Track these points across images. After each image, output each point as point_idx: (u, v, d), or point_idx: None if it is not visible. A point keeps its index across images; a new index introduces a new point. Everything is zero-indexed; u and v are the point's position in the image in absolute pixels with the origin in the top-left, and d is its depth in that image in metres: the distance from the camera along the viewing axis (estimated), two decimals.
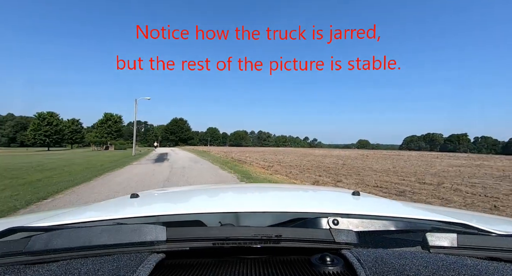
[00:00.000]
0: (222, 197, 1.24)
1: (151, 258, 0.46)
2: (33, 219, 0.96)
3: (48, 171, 10.35)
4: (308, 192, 1.51)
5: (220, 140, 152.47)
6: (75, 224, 0.70)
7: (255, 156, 25.70)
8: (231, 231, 0.56)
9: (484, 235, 0.64)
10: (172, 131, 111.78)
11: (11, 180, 7.75)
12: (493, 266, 0.45)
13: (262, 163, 17.09)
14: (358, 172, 12.39)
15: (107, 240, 0.50)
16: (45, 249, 0.49)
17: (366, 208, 0.95)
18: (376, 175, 11.18)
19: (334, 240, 0.55)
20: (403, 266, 0.43)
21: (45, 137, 53.60)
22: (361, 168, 14.64)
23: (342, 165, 16.59)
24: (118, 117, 64.41)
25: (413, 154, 41.03)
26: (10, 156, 25.68)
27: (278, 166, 15.06)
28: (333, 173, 11.93)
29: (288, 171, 12.27)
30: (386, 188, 7.84)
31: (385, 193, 7.05)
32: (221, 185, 2.77)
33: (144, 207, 1.00)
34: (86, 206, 1.15)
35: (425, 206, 1.37)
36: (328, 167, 14.61)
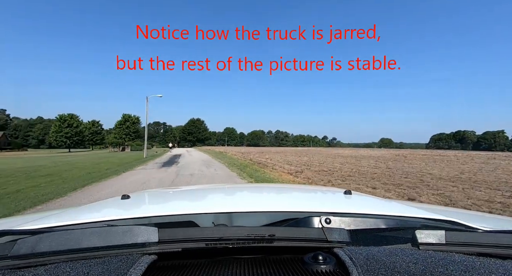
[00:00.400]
0: (215, 197, 1.22)
1: (142, 260, 0.45)
2: (19, 222, 0.90)
3: (42, 177, 9.26)
4: (301, 192, 1.49)
5: (237, 140, 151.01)
6: (63, 226, 0.68)
7: (277, 158, 22.80)
8: (224, 231, 0.56)
9: (470, 231, 0.66)
10: (190, 131, 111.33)
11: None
12: (479, 261, 0.46)
13: (287, 167, 14.16)
14: (421, 180, 9.14)
15: (97, 243, 0.49)
16: (32, 252, 0.48)
17: (358, 207, 0.97)
18: (456, 188, 7.86)
19: (326, 239, 0.56)
20: (393, 263, 0.44)
21: (66, 138, 54.12)
22: (417, 174, 11.25)
23: (387, 169, 13.26)
24: (136, 118, 64.09)
25: (455, 154, 35.99)
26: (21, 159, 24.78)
27: (308, 171, 12.05)
28: (389, 183, 8.73)
29: (326, 180, 9.26)
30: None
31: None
32: (214, 185, 2.66)
33: (135, 208, 0.98)
34: (75, 208, 1.09)
35: (415, 204, 1.34)
36: (373, 173, 11.37)
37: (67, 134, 53.98)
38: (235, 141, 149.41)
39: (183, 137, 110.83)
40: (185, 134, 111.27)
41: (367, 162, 18.37)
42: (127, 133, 61.54)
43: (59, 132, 53.83)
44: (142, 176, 9.66)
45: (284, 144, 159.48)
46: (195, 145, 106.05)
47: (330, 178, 9.70)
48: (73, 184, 7.64)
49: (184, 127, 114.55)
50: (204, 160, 18.74)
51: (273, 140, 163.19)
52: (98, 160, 20.11)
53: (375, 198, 1.26)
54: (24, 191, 6.85)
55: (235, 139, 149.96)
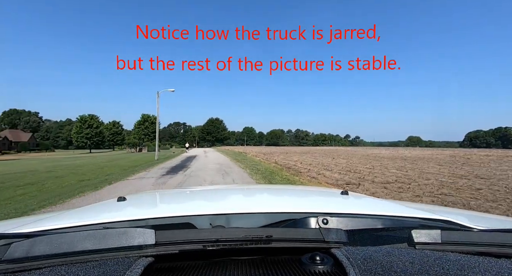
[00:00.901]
0: (212, 198, 1.21)
1: (139, 263, 0.44)
2: (14, 225, 0.89)
3: (21, 188, 7.82)
4: (298, 193, 1.49)
5: (256, 140, 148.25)
6: (58, 229, 0.67)
7: (307, 160, 19.11)
8: (222, 232, 0.55)
9: (466, 230, 0.66)
10: (209, 131, 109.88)
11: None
12: (474, 260, 0.46)
13: (329, 174, 10.51)
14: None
15: (93, 245, 0.49)
16: (26, 256, 0.47)
17: (355, 207, 0.98)
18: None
19: (324, 239, 0.56)
20: (390, 263, 0.44)
21: (87, 139, 54.03)
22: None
23: (461, 177, 9.20)
24: (154, 117, 63.03)
25: (505, 154, 29.99)
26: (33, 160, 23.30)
27: (366, 182, 8.35)
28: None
29: (410, 200, 5.57)
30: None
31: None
32: (211, 186, 2.66)
33: (131, 211, 0.98)
34: (71, 211, 1.08)
35: (411, 204, 1.34)
36: (476, 188, 7.41)
37: (87, 135, 53.87)
38: (254, 140, 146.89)
39: (202, 137, 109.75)
40: (204, 134, 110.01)
41: (427, 165, 14.17)
42: (146, 133, 60.60)
43: (79, 133, 53.83)
44: (137, 186, 7.48)
45: (305, 143, 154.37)
46: (214, 145, 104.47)
47: (414, 198, 5.98)
48: (34, 203, 5.57)
49: (203, 127, 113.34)
50: (221, 163, 15.55)
51: (293, 139, 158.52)
52: (106, 162, 17.89)
53: (372, 198, 1.25)
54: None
55: (254, 139, 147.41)
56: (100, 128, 56.44)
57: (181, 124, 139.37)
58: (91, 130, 54.25)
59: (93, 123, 54.96)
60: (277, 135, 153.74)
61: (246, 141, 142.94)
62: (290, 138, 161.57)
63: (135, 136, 59.99)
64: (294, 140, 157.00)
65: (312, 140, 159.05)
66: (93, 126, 54.69)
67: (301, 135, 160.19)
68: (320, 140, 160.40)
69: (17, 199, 6.28)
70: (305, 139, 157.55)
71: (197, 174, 10.06)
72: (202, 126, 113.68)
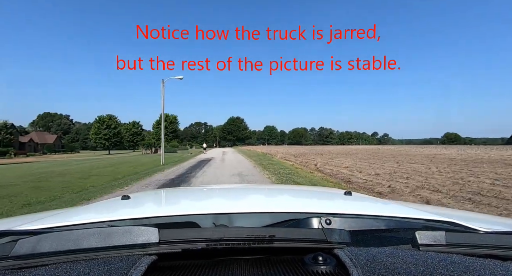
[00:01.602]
0: (216, 198, 1.22)
1: (142, 261, 0.44)
2: (20, 222, 0.90)
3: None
4: (301, 193, 1.48)
5: (278, 139, 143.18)
6: (64, 227, 0.68)
7: (361, 166, 13.62)
8: (225, 232, 0.55)
9: (471, 232, 0.65)
10: (229, 130, 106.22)
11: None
12: (479, 262, 0.46)
13: (455, 204, 5.17)
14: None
15: (98, 243, 0.49)
16: (32, 253, 0.47)
17: (358, 208, 0.96)
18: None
19: (326, 240, 0.55)
20: (394, 264, 0.44)
21: (105, 140, 52.37)
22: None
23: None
24: (173, 117, 60.31)
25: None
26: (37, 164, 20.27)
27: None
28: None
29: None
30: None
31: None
32: (214, 185, 2.60)
33: (135, 209, 0.98)
34: (76, 209, 1.09)
35: (415, 205, 1.33)
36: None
37: (105, 136, 52.16)
38: (276, 139, 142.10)
39: (223, 137, 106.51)
40: (225, 133, 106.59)
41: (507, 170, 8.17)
42: (165, 133, 58.10)
43: (97, 134, 52.23)
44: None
45: (329, 142, 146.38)
46: (235, 144, 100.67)
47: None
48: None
49: (223, 126, 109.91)
50: (241, 172, 10.66)
51: (316, 138, 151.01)
52: (102, 168, 14.14)
53: (375, 199, 1.24)
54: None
55: (275, 138, 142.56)
56: (118, 128, 54.65)
57: (202, 124, 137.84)
58: (109, 130, 52.51)
59: (111, 124, 53.24)
60: (299, 134, 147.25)
61: (267, 140, 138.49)
62: (313, 136, 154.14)
63: (154, 136, 57.60)
64: (318, 139, 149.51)
65: (337, 139, 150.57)
66: (111, 127, 52.95)
67: (325, 134, 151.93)
68: (346, 139, 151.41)
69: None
70: (330, 138, 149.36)
71: None
72: (223, 126, 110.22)
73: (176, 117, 60.87)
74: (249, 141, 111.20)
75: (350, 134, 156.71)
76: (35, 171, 14.30)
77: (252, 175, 9.81)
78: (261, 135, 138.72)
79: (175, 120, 60.40)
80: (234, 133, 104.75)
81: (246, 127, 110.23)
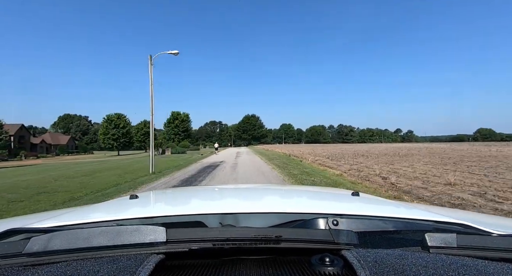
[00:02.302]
0: (223, 198, 1.22)
1: (150, 259, 0.45)
2: (32, 220, 0.94)
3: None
4: (308, 193, 1.48)
5: (295, 137, 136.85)
6: (74, 225, 0.69)
7: (417, 169, 7.91)
8: (231, 232, 0.55)
9: (484, 235, 0.62)
10: (245, 129, 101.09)
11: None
12: (492, 266, 0.44)
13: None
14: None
15: (107, 242, 0.49)
16: (44, 250, 0.48)
17: (366, 209, 0.94)
18: None
19: (334, 241, 0.54)
20: (403, 266, 0.42)
21: (113, 140, 49.16)
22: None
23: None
24: (185, 115, 56.35)
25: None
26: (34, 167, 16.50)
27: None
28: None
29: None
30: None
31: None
32: (221, 185, 2.65)
33: (143, 208, 0.99)
34: (86, 207, 1.12)
35: (424, 207, 1.29)
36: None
37: (113, 136, 48.95)
38: (293, 138, 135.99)
39: (238, 136, 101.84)
40: (240, 132, 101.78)
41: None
42: (176, 132, 54.13)
43: (106, 134, 49.13)
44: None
45: (349, 140, 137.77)
46: (251, 143, 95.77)
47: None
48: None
49: (238, 124, 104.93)
50: None
51: (335, 136, 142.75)
52: (74, 179, 10.49)
53: (383, 200, 1.22)
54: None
55: (292, 136, 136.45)
56: (127, 128, 51.34)
57: (217, 123, 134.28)
58: (118, 130, 49.25)
59: (120, 123, 49.98)
60: (317, 132, 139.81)
61: (284, 138, 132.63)
62: (332, 134, 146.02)
63: (165, 135, 53.95)
64: (337, 137, 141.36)
65: (358, 136, 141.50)
66: (119, 126, 49.68)
67: (345, 131, 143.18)
68: (367, 136, 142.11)
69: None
70: (349, 135, 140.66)
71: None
72: (238, 124, 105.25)
73: (188, 115, 56.87)
74: (265, 140, 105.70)
75: (372, 131, 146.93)
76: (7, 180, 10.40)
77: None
78: (277, 133, 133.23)
79: (187, 118, 56.35)
80: (249, 132, 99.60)
81: (262, 125, 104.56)
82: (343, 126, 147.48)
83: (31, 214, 1.29)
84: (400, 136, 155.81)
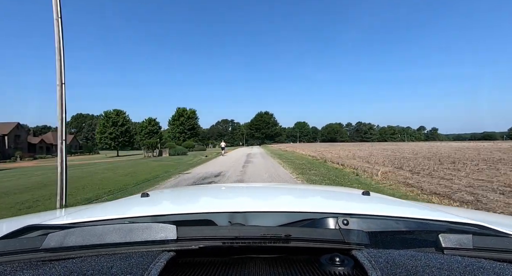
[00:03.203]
0: (232, 196, 1.23)
1: (162, 257, 0.45)
2: (49, 217, 0.98)
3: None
4: (318, 192, 1.47)
5: (310, 136, 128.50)
6: (88, 222, 0.70)
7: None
8: (241, 230, 0.54)
9: (501, 236, 0.58)
10: (257, 127, 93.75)
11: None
12: (511, 269, 0.41)
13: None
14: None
15: (119, 239, 0.50)
16: (60, 246, 0.49)
17: (377, 208, 0.92)
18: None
19: (344, 240, 0.52)
20: (416, 267, 0.41)
21: (111, 140, 43.83)
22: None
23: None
24: (191, 111, 50.47)
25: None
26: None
27: None
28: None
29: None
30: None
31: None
32: (231, 184, 2.73)
33: (154, 206, 1.00)
34: (99, 205, 1.15)
35: (438, 207, 1.27)
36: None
37: (111, 135, 43.51)
38: (308, 136, 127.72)
39: (250, 134, 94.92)
40: (252, 130, 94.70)
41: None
42: (182, 130, 48.31)
43: (103, 133, 43.78)
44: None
45: (369, 138, 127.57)
46: (264, 142, 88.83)
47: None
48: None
49: (250, 122, 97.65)
50: None
51: (353, 134, 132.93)
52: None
53: (395, 200, 1.19)
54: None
55: (307, 135, 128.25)
56: (126, 125, 45.71)
57: (229, 122, 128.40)
58: (116, 128, 43.77)
59: (119, 120, 44.48)
60: (334, 130, 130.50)
61: (299, 137, 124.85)
62: (350, 132, 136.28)
63: (170, 133, 48.30)
64: (355, 135, 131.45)
65: (378, 134, 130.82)
66: (118, 124, 44.20)
67: (364, 129, 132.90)
68: (388, 134, 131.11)
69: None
70: (369, 133, 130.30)
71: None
72: (250, 122, 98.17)
73: (195, 111, 50.90)
74: (279, 138, 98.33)
75: (393, 128, 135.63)
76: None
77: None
78: (291, 132, 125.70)
79: (194, 115, 50.37)
80: (262, 130, 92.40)
81: (276, 123, 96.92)
82: (362, 123, 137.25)
83: (48, 211, 1.35)
84: (424, 134, 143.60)
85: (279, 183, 6.16)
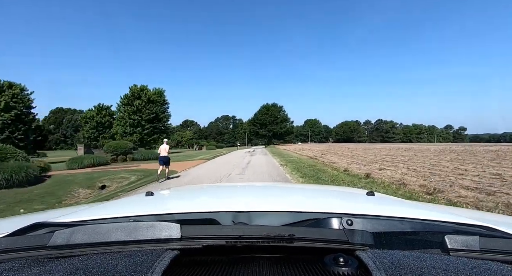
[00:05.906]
0: (236, 196, 1.21)
1: (166, 255, 0.45)
2: (56, 214, 0.98)
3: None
4: (322, 192, 1.44)
5: (322, 135, 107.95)
6: (94, 220, 0.70)
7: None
8: (244, 229, 0.53)
9: (509, 238, 0.56)
10: (262, 122, 69.68)
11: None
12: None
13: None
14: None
15: (124, 237, 0.50)
16: (66, 243, 0.49)
17: (382, 209, 0.90)
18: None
19: (348, 241, 0.51)
20: (421, 269, 0.39)
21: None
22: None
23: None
24: (157, 92, 30.57)
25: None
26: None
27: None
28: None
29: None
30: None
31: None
32: (235, 183, 2.69)
33: (159, 205, 1.00)
34: (105, 204, 1.15)
35: (444, 208, 1.22)
36: None
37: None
38: (319, 136, 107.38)
39: (253, 131, 73.28)
40: (256, 126, 71.35)
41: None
42: (137, 121, 28.96)
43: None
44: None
45: (391, 138, 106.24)
46: (271, 142, 68.38)
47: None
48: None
49: (254, 117, 73.90)
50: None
51: (373, 133, 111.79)
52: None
53: (400, 200, 1.18)
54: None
55: (319, 134, 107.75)
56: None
57: (230, 118, 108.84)
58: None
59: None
60: (350, 128, 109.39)
61: (310, 136, 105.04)
62: (368, 131, 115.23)
63: (119, 124, 29.12)
64: (375, 134, 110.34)
65: (401, 134, 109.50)
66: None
67: (384, 128, 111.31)
68: (413, 134, 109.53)
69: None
70: (391, 133, 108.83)
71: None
72: (253, 117, 74.11)
73: (161, 92, 30.81)
74: (290, 137, 77.59)
75: (419, 128, 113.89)
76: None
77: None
78: (300, 130, 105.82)
79: (160, 98, 30.38)
80: (269, 126, 68.77)
81: (286, 118, 72.22)
82: (383, 121, 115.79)
83: (54, 209, 1.33)
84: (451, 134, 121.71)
85: (283, 182, 6.15)
